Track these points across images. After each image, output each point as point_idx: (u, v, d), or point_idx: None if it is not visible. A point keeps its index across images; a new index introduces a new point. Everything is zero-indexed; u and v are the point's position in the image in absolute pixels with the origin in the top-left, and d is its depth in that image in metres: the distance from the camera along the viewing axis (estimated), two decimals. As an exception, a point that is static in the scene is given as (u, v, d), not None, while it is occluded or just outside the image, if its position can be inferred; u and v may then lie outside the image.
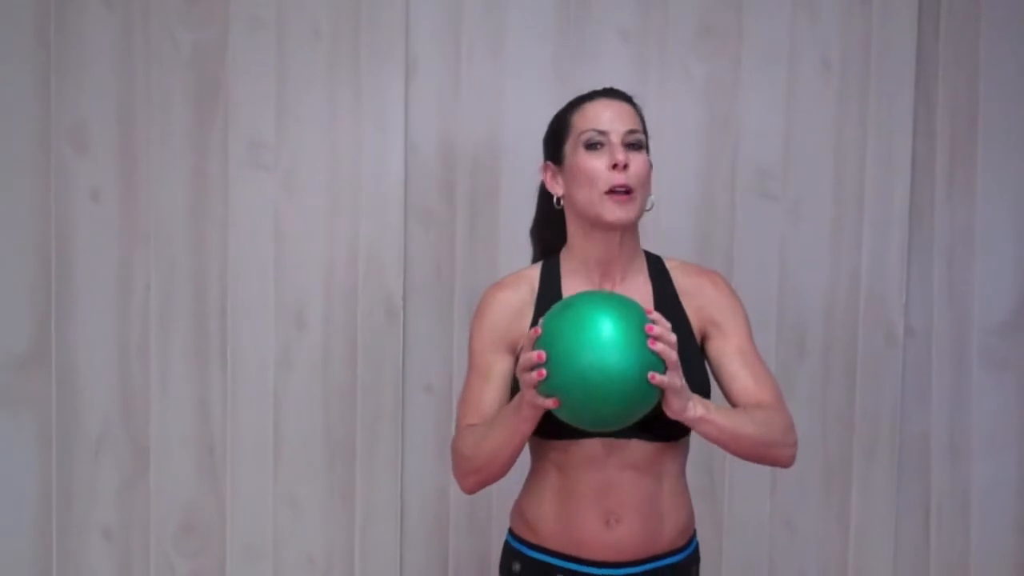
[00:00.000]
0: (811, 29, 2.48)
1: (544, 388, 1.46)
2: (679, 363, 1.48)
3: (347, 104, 2.37)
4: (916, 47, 2.51)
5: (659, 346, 1.45)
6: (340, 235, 2.38)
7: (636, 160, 1.67)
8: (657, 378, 1.45)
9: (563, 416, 1.50)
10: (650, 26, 2.44)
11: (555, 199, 1.76)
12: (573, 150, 1.70)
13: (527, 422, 1.54)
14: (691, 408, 1.52)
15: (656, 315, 1.49)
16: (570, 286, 1.73)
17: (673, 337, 1.48)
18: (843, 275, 2.52)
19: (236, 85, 2.35)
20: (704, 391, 1.67)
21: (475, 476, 1.68)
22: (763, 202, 2.48)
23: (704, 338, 1.74)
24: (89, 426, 2.35)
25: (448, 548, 2.45)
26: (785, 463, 1.70)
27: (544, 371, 1.45)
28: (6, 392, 2.32)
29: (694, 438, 1.70)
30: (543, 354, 1.45)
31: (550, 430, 1.59)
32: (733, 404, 1.71)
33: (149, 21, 2.32)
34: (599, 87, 1.77)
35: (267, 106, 2.35)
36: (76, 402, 2.34)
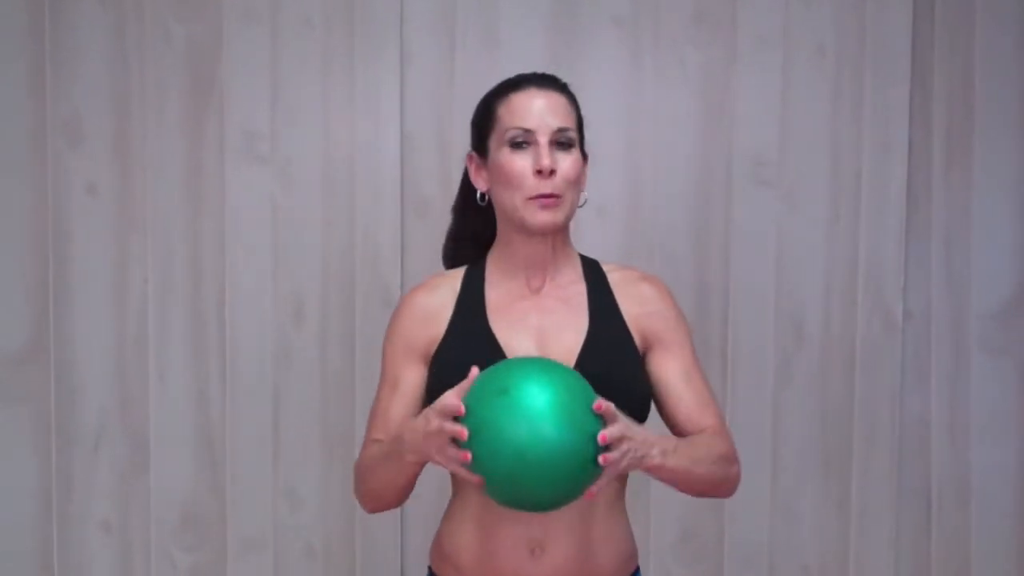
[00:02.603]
0: (806, 16, 2.47)
1: (471, 467, 1.35)
2: (627, 436, 1.36)
3: (342, 95, 2.37)
4: (912, 33, 2.50)
5: (613, 456, 1.33)
6: (337, 226, 2.38)
7: (565, 162, 1.53)
8: (599, 485, 1.36)
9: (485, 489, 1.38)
10: (644, 14, 2.43)
11: (478, 194, 1.61)
12: (498, 146, 1.55)
13: (418, 465, 1.45)
14: (647, 460, 1.41)
15: (604, 407, 1.34)
16: (495, 290, 1.60)
17: (620, 428, 1.35)
18: (840, 262, 2.51)
19: (231, 77, 2.35)
20: (645, 401, 1.59)
21: (374, 503, 1.59)
22: (759, 189, 2.48)
23: (645, 349, 1.61)
24: (88, 420, 2.35)
25: (448, 538, 2.45)
26: (726, 496, 1.63)
27: (468, 454, 1.33)
28: (5, 387, 2.32)
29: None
30: (464, 431, 1.32)
31: None
32: (676, 428, 1.61)
33: (143, 14, 2.33)
34: (533, 71, 1.65)
35: (262, 98, 2.36)
36: (75, 396, 2.34)
